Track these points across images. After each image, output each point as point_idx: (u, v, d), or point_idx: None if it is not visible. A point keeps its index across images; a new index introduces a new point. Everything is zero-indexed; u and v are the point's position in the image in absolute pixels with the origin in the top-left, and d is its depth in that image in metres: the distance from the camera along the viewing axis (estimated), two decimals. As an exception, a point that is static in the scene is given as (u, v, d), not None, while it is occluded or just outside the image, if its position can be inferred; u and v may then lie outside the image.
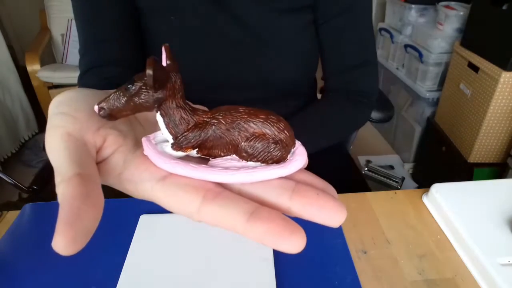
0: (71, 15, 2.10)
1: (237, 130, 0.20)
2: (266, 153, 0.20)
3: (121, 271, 0.43)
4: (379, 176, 1.73)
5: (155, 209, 0.51)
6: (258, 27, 0.58)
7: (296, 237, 0.16)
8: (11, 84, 1.95)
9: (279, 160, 0.20)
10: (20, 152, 1.97)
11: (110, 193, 0.45)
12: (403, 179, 1.73)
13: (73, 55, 2.08)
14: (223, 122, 0.20)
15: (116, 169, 0.21)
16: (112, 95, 0.20)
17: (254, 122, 0.20)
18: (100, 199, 0.17)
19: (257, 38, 0.58)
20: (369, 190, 0.70)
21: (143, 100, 0.19)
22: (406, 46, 1.77)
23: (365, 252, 0.48)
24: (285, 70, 0.61)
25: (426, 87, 1.69)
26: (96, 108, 0.20)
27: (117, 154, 0.21)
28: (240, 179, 0.19)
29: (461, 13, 1.50)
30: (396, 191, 0.58)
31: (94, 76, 0.50)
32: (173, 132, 0.20)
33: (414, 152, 1.85)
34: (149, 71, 0.17)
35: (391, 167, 1.88)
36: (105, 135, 0.21)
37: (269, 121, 0.20)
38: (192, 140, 0.20)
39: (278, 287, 0.42)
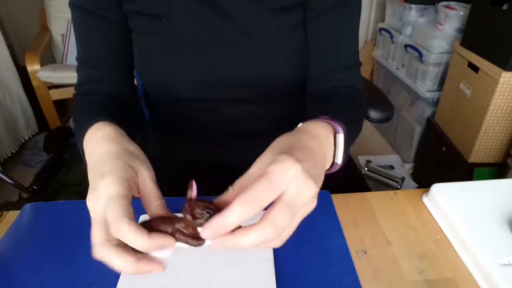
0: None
1: None
2: None
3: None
4: (379, 176, 1.73)
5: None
6: (250, 26, 0.58)
7: None
8: (11, 84, 1.95)
9: None
10: (20, 152, 1.97)
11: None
12: (403, 179, 1.73)
13: (73, 55, 2.06)
14: None
15: None
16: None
17: None
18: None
19: (249, 37, 0.58)
20: (369, 190, 0.70)
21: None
22: (406, 46, 1.77)
23: (365, 252, 0.48)
24: (278, 68, 0.61)
25: (426, 87, 1.69)
26: None
27: None
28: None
29: (461, 13, 1.50)
30: (396, 191, 0.58)
31: (86, 92, 0.61)
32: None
33: (414, 152, 1.85)
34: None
35: (391, 167, 1.88)
36: None
37: None
38: None
39: (278, 287, 0.42)
